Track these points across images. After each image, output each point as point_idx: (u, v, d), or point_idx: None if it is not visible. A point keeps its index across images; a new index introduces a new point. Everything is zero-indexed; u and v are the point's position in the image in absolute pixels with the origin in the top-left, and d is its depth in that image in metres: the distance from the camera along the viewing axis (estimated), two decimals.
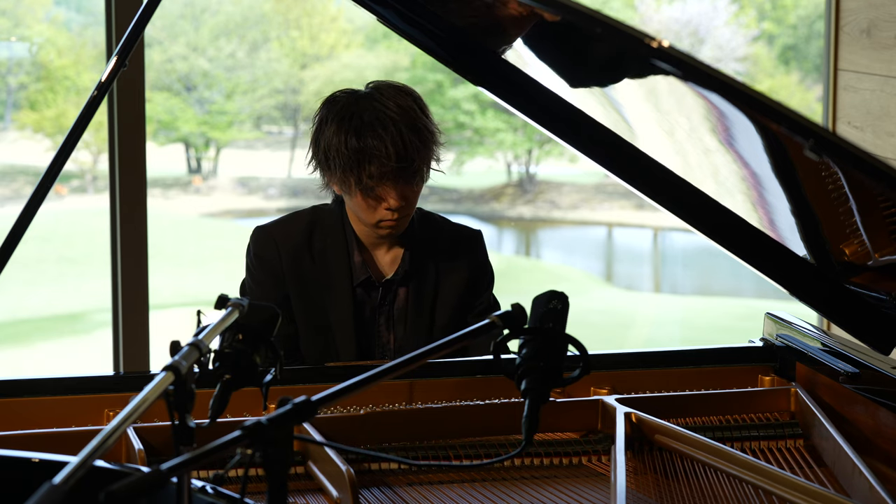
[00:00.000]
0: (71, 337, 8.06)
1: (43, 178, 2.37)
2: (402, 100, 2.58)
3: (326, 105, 2.62)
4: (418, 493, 2.10)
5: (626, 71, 2.02)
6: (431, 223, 2.77)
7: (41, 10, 8.37)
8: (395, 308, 2.70)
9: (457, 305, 2.72)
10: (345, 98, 2.60)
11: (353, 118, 2.55)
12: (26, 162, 8.65)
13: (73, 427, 2.20)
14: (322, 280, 2.67)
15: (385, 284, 2.69)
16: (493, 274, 2.81)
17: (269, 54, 9.06)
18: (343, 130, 2.55)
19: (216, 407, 1.83)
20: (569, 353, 1.85)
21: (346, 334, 2.66)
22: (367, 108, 2.56)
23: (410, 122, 2.56)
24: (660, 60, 1.67)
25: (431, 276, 2.71)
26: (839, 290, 2.25)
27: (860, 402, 2.30)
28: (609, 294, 9.49)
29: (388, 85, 2.61)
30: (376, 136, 2.53)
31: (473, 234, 2.80)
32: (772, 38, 9.36)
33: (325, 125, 2.59)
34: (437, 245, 2.74)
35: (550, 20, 1.98)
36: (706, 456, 2.18)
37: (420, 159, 2.57)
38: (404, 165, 2.54)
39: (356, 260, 2.68)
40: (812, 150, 1.63)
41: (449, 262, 2.73)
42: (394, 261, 2.71)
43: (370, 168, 2.53)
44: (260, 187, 9.43)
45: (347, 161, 2.54)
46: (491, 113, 9.12)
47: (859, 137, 4.15)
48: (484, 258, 2.80)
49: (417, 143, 2.55)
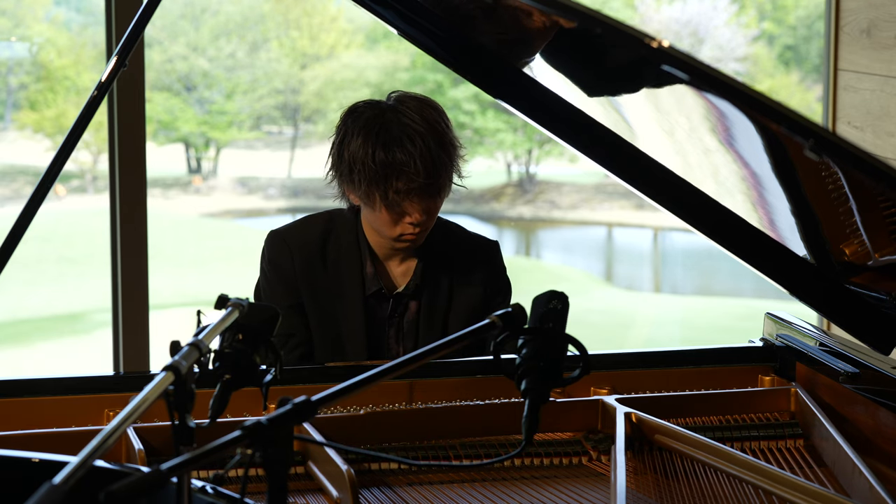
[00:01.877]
0: (71, 337, 8.06)
1: (43, 178, 2.37)
2: (428, 113, 2.55)
3: (349, 116, 2.57)
4: (418, 493, 2.10)
5: (625, 71, 2.02)
6: (447, 233, 2.73)
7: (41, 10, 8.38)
8: (405, 321, 2.68)
9: (470, 319, 2.66)
10: (369, 110, 2.56)
11: (380, 131, 2.51)
12: (26, 162, 8.65)
13: (73, 427, 2.20)
14: (334, 289, 2.65)
15: (396, 297, 2.67)
16: (509, 287, 2.77)
17: (269, 54, 9.06)
18: (370, 143, 2.50)
19: (216, 407, 1.83)
20: (569, 353, 1.85)
21: (357, 344, 2.64)
22: (394, 121, 2.52)
23: (438, 136, 2.53)
24: (660, 60, 1.67)
25: (444, 290, 2.68)
26: (839, 290, 2.25)
27: (860, 402, 2.30)
28: (609, 294, 9.49)
29: (412, 97, 2.58)
30: (405, 150, 2.49)
31: (490, 245, 2.76)
32: (772, 38, 9.36)
33: (349, 137, 2.54)
34: (452, 256, 2.71)
35: (550, 21, 1.98)
36: (706, 456, 2.18)
37: (446, 174, 2.55)
38: (431, 181, 2.52)
39: (368, 271, 2.65)
40: (812, 150, 1.63)
41: (463, 274, 2.70)
42: (406, 273, 2.68)
43: (397, 183, 2.50)
44: (260, 187, 9.43)
45: (374, 175, 2.50)
46: (491, 113, 9.12)
47: (859, 137, 4.15)
48: (500, 270, 2.75)
49: (445, 158, 2.53)
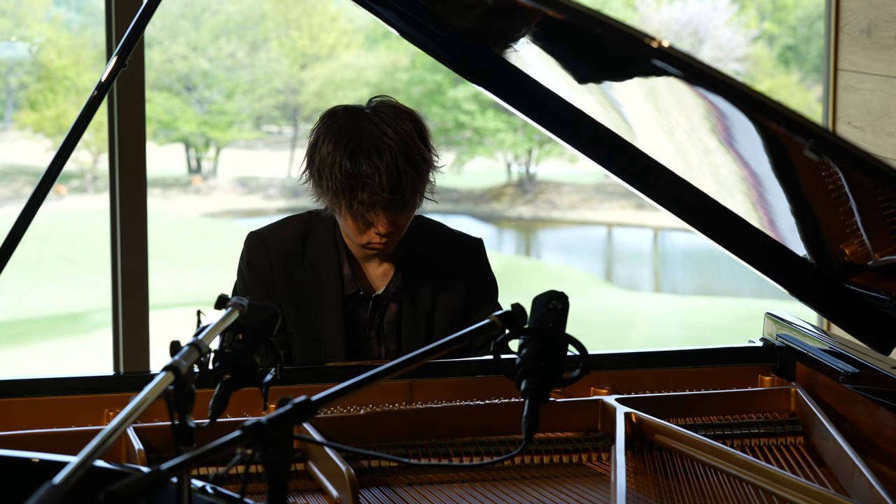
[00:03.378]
0: (71, 337, 8.07)
1: (43, 178, 2.37)
2: (402, 126, 2.51)
3: (325, 120, 2.56)
4: (418, 493, 2.10)
5: (626, 71, 2.02)
6: (428, 232, 2.71)
7: (41, 10, 8.38)
8: (384, 322, 2.66)
9: (454, 318, 2.66)
10: (345, 115, 2.54)
11: (350, 140, 2.49)
12: (26, 162, 8.65)
13: (73, 427, 2.20)
14: (312, 291, 2.63)
15: (375, 299, 2.65)
16: (495, 286, 2.75)
17: (269, 54, 9.06)
18: (339, 152, 2.49)
19: (216, 407, 1.83)
20: (569, 353, 1.85)
21: (336, 347, 2.62)
22: (366, 131, 2.49)
23: (407, 151, 2.49)
24: (660, 60, 1.67)
25: (427, 290, 2.66)
26: (839, 290, 2.25)
27: (860, 402, 2.30)
28: (609, 294, 9.49)
29: (389, 105, 2.55)
30: (371, 164, 2.47)
31: (473, 243, 2.74)
32: (772, 39, 9.36)
33: (321, 142, 2.53)
34: (434, 256, 2.68)
35: (550, 20, 1.98)
36: (706, 456, 2.18)
37: (412, 190, 2.51)
38: (396, 197, 2.49)
39: (346, 273, 2.63)
40: (812, 150, 1.63)
41: (446, 273, 2.68)
42: (385, 274, 2.66)
43: (362, 195, 2.48)
44: (260, 187, 9.43)
45: (340, 184, 2.48)
46: (491, 113, 9.12)
47: (859, 137, 4.15)
48: (485, 269, 2.73)
49: (412, 173, 2.50)
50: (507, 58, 2.42)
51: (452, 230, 2.76)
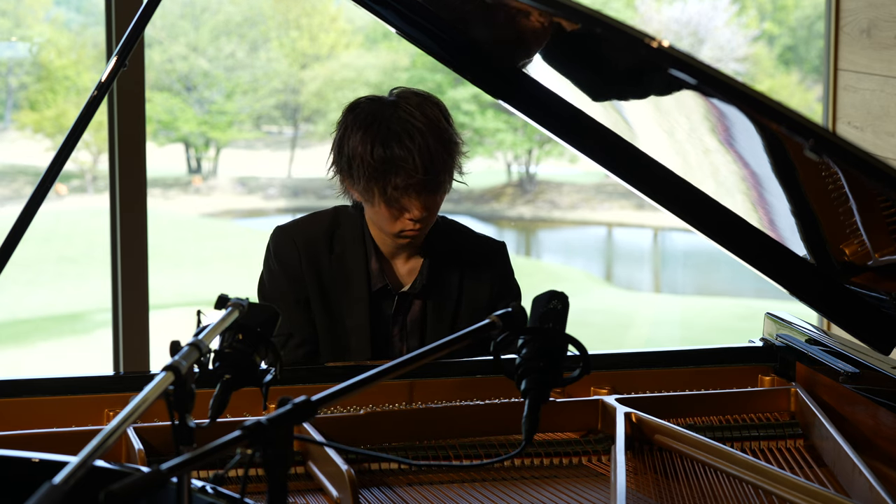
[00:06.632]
0: (71, 337, 8.06)
1: (43, 178, 2.37)
2: (428, 110, 2.54)
3: (350, 111, 2.58)
4: (418, 493, 2.10)
5: (625, 71, 2.02)
6: (454, 234, 2.74)
7: (41, 10, 8.37)
8: (408, 319, 2.68)
9: (477, 320, 2.67)
10: (369, 105, 2.56)
11: (379, 127, 2.51)
12: (26, 162, 8.64)
13: (73, 427, 2.20)
14: (339, 284, 2.65)
15: (401, 295, 2.67)
16: (518, 290, 2.76)
17: (269, 54, 9.06)
18: (369, 139, 2.51)
19: (216, 407, 1.83)
20: (569, 353, 1.85)
21: (362, 340, 2.64)
22: (394, 117, 2.52)
23: (437, 133, 2.53)
24: (660, 60, 1.67)
25: (453, 290, 2.68)
26: (839, 289, 2.25)
27: (860, 402, 2.30)
28: (609, 294, 9.48)
29: (413, 93, 2.58)
30: (403, 146, 2.49)
31: (497, 247, 2.76)
32: (772, 39, 9.36)
33: (349, 132, 2.55)
34: (459, 257, 2.71)
35: (550, 20, 1.98)
36: (706, 456, 2.18)
37: (445, 171, 2.54)
38: (430, 177, 2.51)
39: (373, 267, 2.66)
40: (812, 150, 1.63)
41: (472, 274, 2.70)
42: (411, 271, 2.69)
43: (396, 179, 2.50)
44: (260, 187, 9.42)
45: (373, 171, 2.51)
46: (491, 113, 9.12)
47: (859, 137, 4.15)
48: (508, 272, 2.75)
49: (444, 154, 2.53)
50: (506, 58, 2.42)
51: (477, 233, 2.79)
